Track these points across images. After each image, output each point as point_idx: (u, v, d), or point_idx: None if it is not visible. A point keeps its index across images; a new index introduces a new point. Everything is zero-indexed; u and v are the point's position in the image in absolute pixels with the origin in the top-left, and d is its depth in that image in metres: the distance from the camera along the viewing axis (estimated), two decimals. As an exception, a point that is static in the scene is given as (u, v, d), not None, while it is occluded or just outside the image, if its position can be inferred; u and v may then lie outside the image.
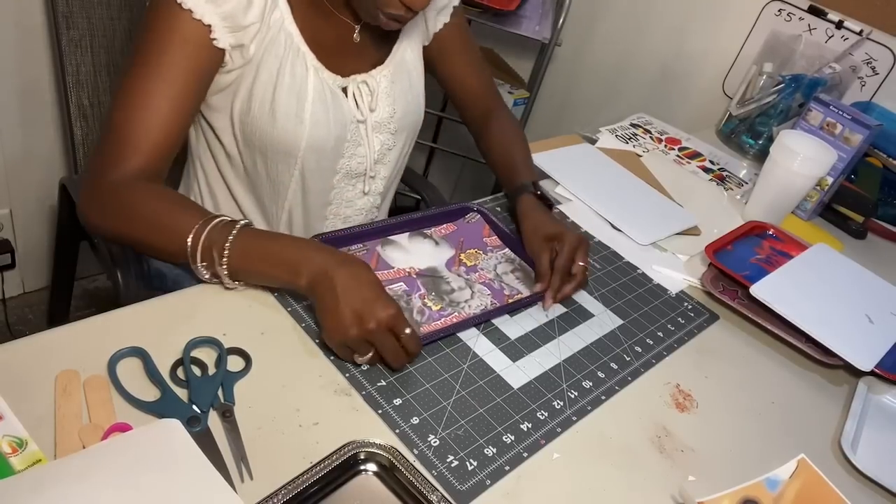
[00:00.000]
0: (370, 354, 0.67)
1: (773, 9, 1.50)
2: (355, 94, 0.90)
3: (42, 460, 0.54)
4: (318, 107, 0.85)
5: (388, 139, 0.96)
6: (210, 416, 0.61)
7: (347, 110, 0.89)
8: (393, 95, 0.94)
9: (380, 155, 0.96)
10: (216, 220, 0.71)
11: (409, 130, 0.99)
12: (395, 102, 0.94)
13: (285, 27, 0.82)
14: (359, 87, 0.90)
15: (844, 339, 0.87)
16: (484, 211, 0.98)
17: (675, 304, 0.93)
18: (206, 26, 0.75)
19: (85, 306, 1.73)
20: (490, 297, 0.84)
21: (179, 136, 0.79)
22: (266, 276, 0.71)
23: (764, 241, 1.10)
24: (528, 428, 0.69)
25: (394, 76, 0.94)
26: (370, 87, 0.91)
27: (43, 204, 1.58)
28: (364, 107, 0.91)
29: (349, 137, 0.91)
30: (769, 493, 0.64)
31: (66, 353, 0.63)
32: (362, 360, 0.68)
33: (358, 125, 0.91)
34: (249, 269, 0.71)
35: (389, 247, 0.88)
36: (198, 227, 0.70)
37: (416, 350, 0.68)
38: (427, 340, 0.74)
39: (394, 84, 0.94)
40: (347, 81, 0.89)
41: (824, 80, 1.33)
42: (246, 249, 0.69)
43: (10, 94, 1.41)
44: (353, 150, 0.93)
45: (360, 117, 0.91)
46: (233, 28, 0.77)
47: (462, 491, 0.61)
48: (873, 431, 0.81)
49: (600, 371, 0.78)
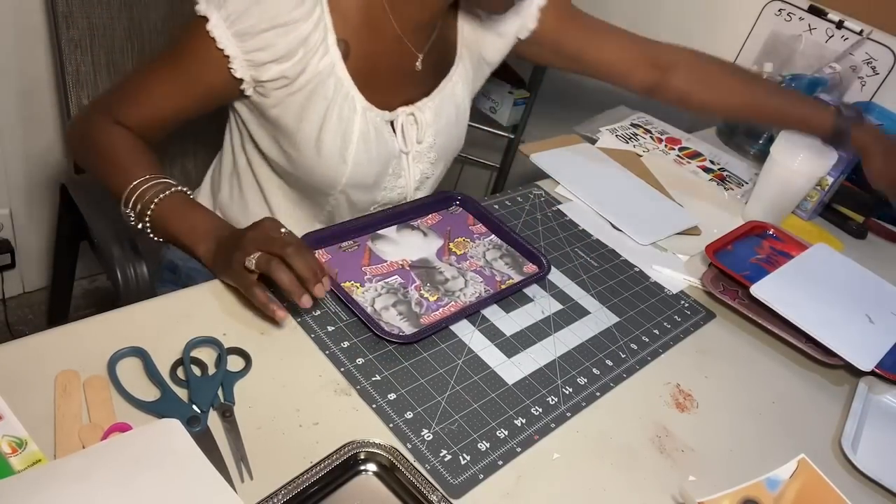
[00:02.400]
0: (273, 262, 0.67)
1: (773, 9, 1.50)
2: (403, 126, 0.91)
3: (42, 460, 0.54)
4: (361, 147, 0.86)
5: (428, 168, 0.97)
6: (210, 415, 0.61)
7: (392, 145, 0.90)
8: (436, 126, 0.94)
9: (418, 185, 0.98)
10: (158, 179, 0.76)
11: (448, 158, 1.01)
12: (438, 134, 0.95)
13: (336, 72, 0.82)
14: (406, 119, 0.91)
15: (845, 339, 0.87)
16: (466, 199, 0.98)
17: (671, 301, 0.93)
18: (226, 57, 0.77)
19: (85, 306, 1.73)
20: (483, 284, 0.85)
21: (165, 128, 0.84)
22: (174, 238, 0.76)
23: (764, 240, 1.10)
24: (522, 423, 0.69)
25: (439, 108, 0.94)
26: (417, 119, 0.92)
27: (43, 204, 1.58)
28: (411, 139, 0.92)
29: (390, 171, 0.92)
30: (769, 493, 0.64)
31: (66, 353, 0.63)
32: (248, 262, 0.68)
33: (401, 157, 0.93)
34: (164, 228, 0.76)
35: (380, 241, 0.88)
36: (140, 180, 0.76)
37: (295, 242, 0.68)
38: (431, 332, 0.75)
39: (438, 116, 0.94)
40: (396, 115, 0.90)
41: (824, 79, 1.33)
42: (166, 212, 0.75)
43: (10, 94, 1.41)
44: (394, 182, 0.94)
45: (404, 149, 0.92)
46: (253, 63, 0.78)
47: (455, 485, 0.61)
48: (873, 431, 0.81)
49: (595, 368, 0.78)
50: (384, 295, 0.79)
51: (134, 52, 1.14)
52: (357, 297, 0.78)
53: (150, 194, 0.75)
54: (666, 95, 1.06)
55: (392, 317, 0.77)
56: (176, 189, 0.76)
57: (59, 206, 1.22)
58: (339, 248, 0.85)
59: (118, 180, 0.77)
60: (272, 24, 0.76)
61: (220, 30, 0.76)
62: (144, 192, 0.75)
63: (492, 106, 1.84)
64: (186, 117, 0.84)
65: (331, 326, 0.73)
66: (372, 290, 0.80)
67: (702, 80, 1.05)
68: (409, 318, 0.77)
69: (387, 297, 0.79)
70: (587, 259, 0.97)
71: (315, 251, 0.83)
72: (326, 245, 0.85)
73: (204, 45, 0.77)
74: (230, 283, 0.73)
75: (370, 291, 0.80)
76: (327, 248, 0.84)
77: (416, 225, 0.93)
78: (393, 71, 0.88)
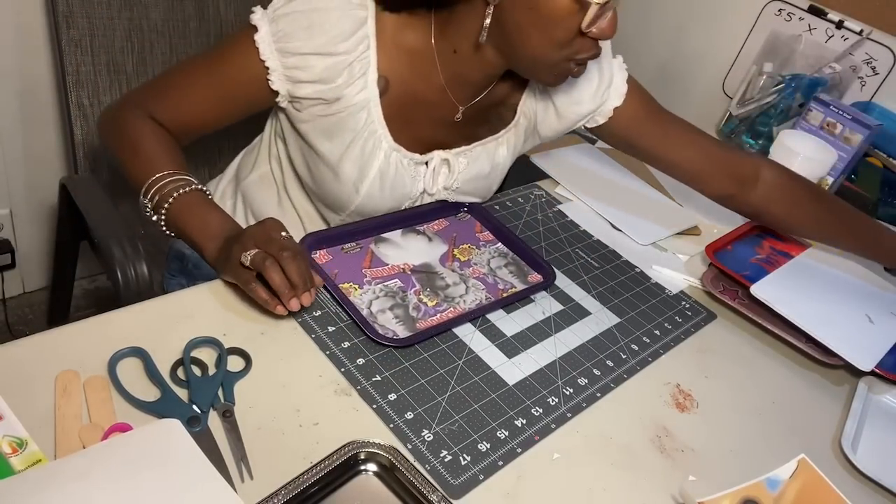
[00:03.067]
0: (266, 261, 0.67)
1: (773, 9, 1.50)
2: (434, 171, 0.90)
3: (42, 460, 0.54)
4: (376, 184, 0.86)
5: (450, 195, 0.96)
6: (210, 416, 0.61)
7: (412, 187, 0.90)
8: (465, 175, 0.93)
9: None
10: (180, 175, 0.77)
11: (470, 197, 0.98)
12: (464, 183, 0.94)
13: (369, 108, 0.82)
14: (440, 164, 0.90)
15: (845, 338, 0.87)
16: (475, 208, 0.98)
17: (672, 302, 0.93)
18: (266, 68, 0.78)
19: (85, 306, 1.73)
20: (484, 292, 0.84)
21: (198, 131, 0.85)
22: (185, 233, 0.76)
23: (764, 240, 1.10)
24: (523, 424, 0.69)
25: (474, 159, 0.92)
26: (451, 166, 0.91)
27: (43, 204, 1.58)
28: (439, 183, 0.92)
29: (406, 206, 0.93)
30: (769, 493, 0.64)
31: (66, 353, 0.63)
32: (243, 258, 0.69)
33: (424, 196, 0.93)
34: (178, 223, 0.76)
35: (383, 244, 0.88)
36: (162, 174, 0.76)
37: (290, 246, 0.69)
38: (424, 337, 0.74)
39: (470, 165, 0.92)
40: (430, 157, 0.89)
41: (824, 79, 1.33)
42: (182, 207, 0.76)
43: (10, 94, 1.41)
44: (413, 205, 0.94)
45: (429, 191, 0.92)
46: (291, 79, 0.79)
47: (455, 485, 0.61)
48: (874, 431, 0.81)
49: (596, 368, 0.78)
50: (382, 298, 0.79)
51: (134, 52, 1.14)
52: (354, 299, 0.78)
53: (170, 188, 0.76)
54: (742, 208, 1.02)
55: (388, 320, 0.77)
56: (195, 187, 0.77)
57: (59, 206, 1.21)
58: (341, 248, 0.85)
59: (141, 170, 0.78)
60: (317, 51, 0.77)
61: (265, 43, 0.77)
62: (165, 185, 0.76)
63: (492, 106, 1.84)
64: (216, 123, 0.85)
65: (331, 327, 0.73)
66: (370, 292, 0.80)
67: (781, 201, 1.00)
68: (405, 322, 0.77)
69: (384, 299, 0.79)
70: (588, 260, 0.97)
71: (316, 251, 0.83)
72: (329, 246, 0.84)
73: (247, 53, 0.78)
74: (231, 281, 0.73)
75: (368, 294, 0.79)
76: (329, 249, 0.84)
77: (421, 230, 0.92)
78: (430, 117, 0.87)
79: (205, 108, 0.83)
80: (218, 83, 0.81)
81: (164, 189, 0.76)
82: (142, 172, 0.78)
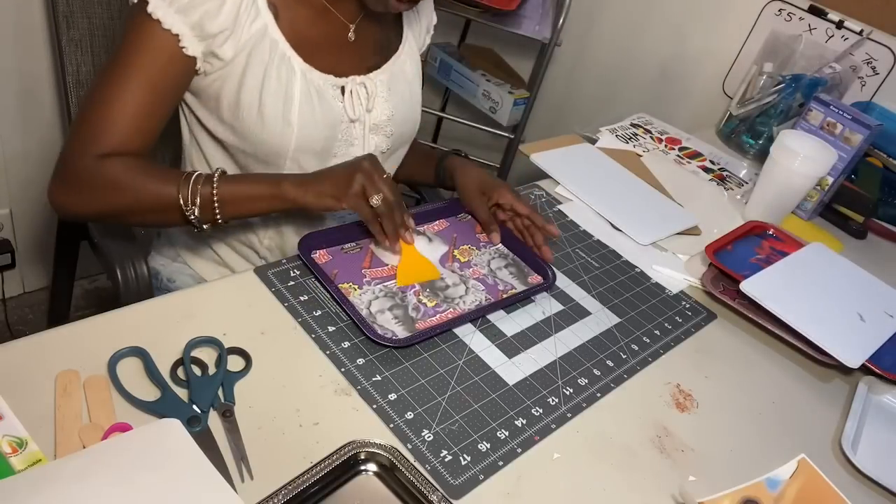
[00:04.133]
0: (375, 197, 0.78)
1: (773, 9, 1.50)
2: (353, 94, 0.90)
3: (42, 460, 0.54)
4: (305, 108, 0.85)
5: (384, 142, 0.96)
6: (210, 415, 0.61)
7: (338, 109, 0.89)
8: (391, 101, 0.94)
9: None
10: (193, 175, 0.78)
11: (405, 137, 1.00)
12: (395, 107, 0.95)
13: (269, 34, 0.82)
14: (356, 88, 0.90)
15: (834, 336, 0.87)
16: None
17: (672, 302, 0.93)
18: (175, 35, 0.77)
19: (85, 306, 1.73)
20: (484, 293, 0.84)
21: (150, 135, 0.82)
22: (255, 212, 0.81)
23: (764, 241, 1.10)
24: (523, 424, 0.69)
25: (391, 83, 0.94)
26: (367, 90, 0.91)
27: (43, 204, 1.58)
28: (361, 107, 0.91)
29: (340, 137, 0.91)
30: (769, 493, 0.64)
31: (66, 353, 0.63)
32: (376, 199, 0.78)
33: (351, 125, 0.91)
34: (239, 212, 0.80)
35: None
36: (182, 186, 0.78)
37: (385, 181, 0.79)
38: (423, 337, 0.74)
39: (391, 91, 0.94)
40: (345, 81, 0.89)
41: (824, 79, 1.33)
42: (231, 191, 0.78)
43: (10, 94, 1.41)
44: (346, 150, 0.92)
45: (352, 116, 0.91)
46: (202, 36, 0.78)
47: (455, 485, 0.61)
48: (873, 431, 0.81)
49: (596, 368, 0.78)
50: (381, 298, 0.79)
51: (134, 52, 1.13)
52: (353, 299, 0.78)
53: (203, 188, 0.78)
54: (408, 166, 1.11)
55: (387, 320, 0.77)
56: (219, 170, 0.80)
57: (59, 206, 1.21)
58: (341, 249, 0.85)
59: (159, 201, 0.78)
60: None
61: (161, 10, 0.75)
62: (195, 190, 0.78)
63: (492, 106, 1.84)
64: (163, 117, 0.82)
65: (331, 327, 0.73)
66: (369, 292, 0.80)
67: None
68: (404, 323, 0.77)
69: (384, 300, 0.79)
70: (588, 260, 0.97)
71: (316, 252, 0.83)
72: (329, 246, 0.84)
73: (151, 33, 0.77)
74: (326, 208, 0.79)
75: (367, 294, 0.79)
76: (329, 249, 0.84)
77: (421, 230, 0.92)
78: (326, 39, 0.88)
79: (143, 109, 0.79)
80: (142, 79, 0.78)
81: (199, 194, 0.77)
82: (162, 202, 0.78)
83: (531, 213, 0.92)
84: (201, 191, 0.78)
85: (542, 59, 1.75)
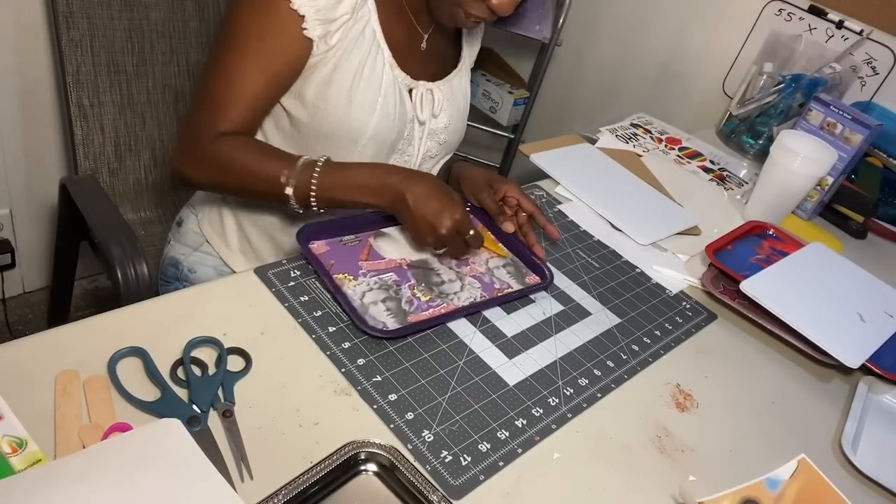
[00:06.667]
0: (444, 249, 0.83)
1: (773, 9, 1.50)
2: (422, 98, 0.95)
3: (42, 460, 0.54)
4: (389, 99, 0.90)
5: (434, 147, 1.01)
6: (210, 415, 0.61)
7: (410, 109, 0.94)
8: (449, 111, 0.99)
9: (422, 160, 1.01)
10: (299, 160, 0.81)
11: (451, 146, 1.05)
12: (451, 117, 1.00)
13: (371, 23, 0.87)
14: (424, 93, 0.95)
15: (834, 336, 0.87)
16: (477, 208, 0.98)
17: (673, 303, 0.93)
18: (301, 16, 0.80)
19: (85, 306, 1.73)
20: (480, 290, 0.84)
21: (263, 115, 0.89)
22: (351, 203, 0.82)
23: (764, 241, 1.10)
24: (523, 424, 0.69)
25: (451, 94, 1.00)
26: (434, 96, 0.96)
27: (43, 204, 1.58)
28: (427, 111, 0.96)
29: (406, 135, 0.96)
30: (769, 493, 0.64)
31: (66, 353, 0.63)
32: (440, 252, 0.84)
33: (415, 125, 0.96)
34: (335, 199, 0.82)
35: (382, 238, 0.88)
36: (287, 171, 0.80)
37: (477, 246, 0.84)
38: (414, 330, 0.75)
39: (449, 101, 0.99)
40: (415, 84, 0.94)
41: (824, 79, 1.33)
42: (330, 184, 0.81)
43: (10, 94, 1.41)
44: (405, 147, 0.97)
45: (421, 118, 0.96)
46: (323, 20, 0.82)
47: (456, 486, 0.61)
48: (873, 431, 0.81)
49: (597, 369, 0.78)
50: (375, 290, 0.79)
51: (134, 53, 1.14)
52: (347, 290, 0.78)
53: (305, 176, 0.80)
54: None
55: (379, 312, 0.77)
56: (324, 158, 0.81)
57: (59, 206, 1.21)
58: (339, 241, 0.85)
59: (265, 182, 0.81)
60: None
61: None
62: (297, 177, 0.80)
63: (492, 106, 1.84)
64: (276, 99, 0.88)
65: (332, 327, 0.73)
66: (364, 284, 0.80)
67: None
68: (396, 315, 0.77)
69: (378, 292, 0.79)
70: (588, 260, 0.97)
71: (314, 242, 0.84)
72: (328, 237, 0.84)
73: (276, 10, 0.80)
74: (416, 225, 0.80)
75: (362, 285, 0.79)
76: (328, 240, 0.84)
77: None
78: (405, 43, 0.93)
79: (260, 88, 0.83)
80: (263, 58, 0.82)
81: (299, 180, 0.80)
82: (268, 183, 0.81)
83: (535, 210, 0.94)
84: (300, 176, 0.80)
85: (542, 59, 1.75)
